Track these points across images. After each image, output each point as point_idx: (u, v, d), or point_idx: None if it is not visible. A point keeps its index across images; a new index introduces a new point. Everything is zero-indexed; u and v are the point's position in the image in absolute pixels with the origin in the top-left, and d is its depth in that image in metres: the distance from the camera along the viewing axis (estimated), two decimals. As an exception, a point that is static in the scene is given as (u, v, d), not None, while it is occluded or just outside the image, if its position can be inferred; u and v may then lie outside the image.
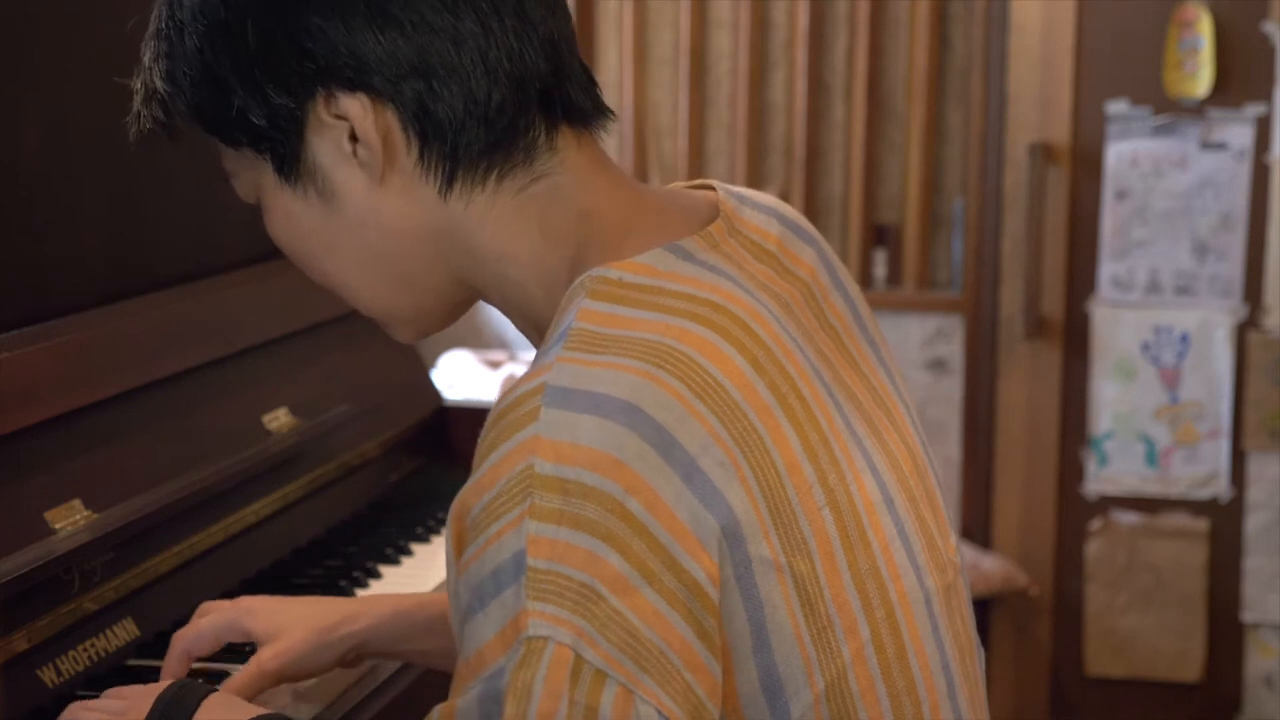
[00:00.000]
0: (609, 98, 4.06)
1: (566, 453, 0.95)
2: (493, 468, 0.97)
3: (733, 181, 3.20)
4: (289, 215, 1.12)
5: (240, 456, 1.77)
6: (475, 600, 0.96)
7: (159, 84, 1.13)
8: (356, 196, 1.09)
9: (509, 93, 1.07)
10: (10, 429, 1.50)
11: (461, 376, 3.14)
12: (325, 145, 1.09)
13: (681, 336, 1.00)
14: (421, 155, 1.08)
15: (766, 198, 1.19)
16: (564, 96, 1.10)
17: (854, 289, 1.20)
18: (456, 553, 0.99)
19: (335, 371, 2.03)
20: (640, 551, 0.94)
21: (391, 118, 1.07)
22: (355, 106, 1.07)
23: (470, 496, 0.98)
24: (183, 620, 1.65)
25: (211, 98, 1.10)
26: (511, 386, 1.01)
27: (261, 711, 1.23)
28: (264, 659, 1.37)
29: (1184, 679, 3.38)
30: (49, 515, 1.51)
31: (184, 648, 1.41)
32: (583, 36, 3.54)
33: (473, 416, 2.23)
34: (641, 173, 3.53)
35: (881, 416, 1.13)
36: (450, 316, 1.17)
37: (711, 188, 1.16)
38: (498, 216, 1.09)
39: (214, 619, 1.41)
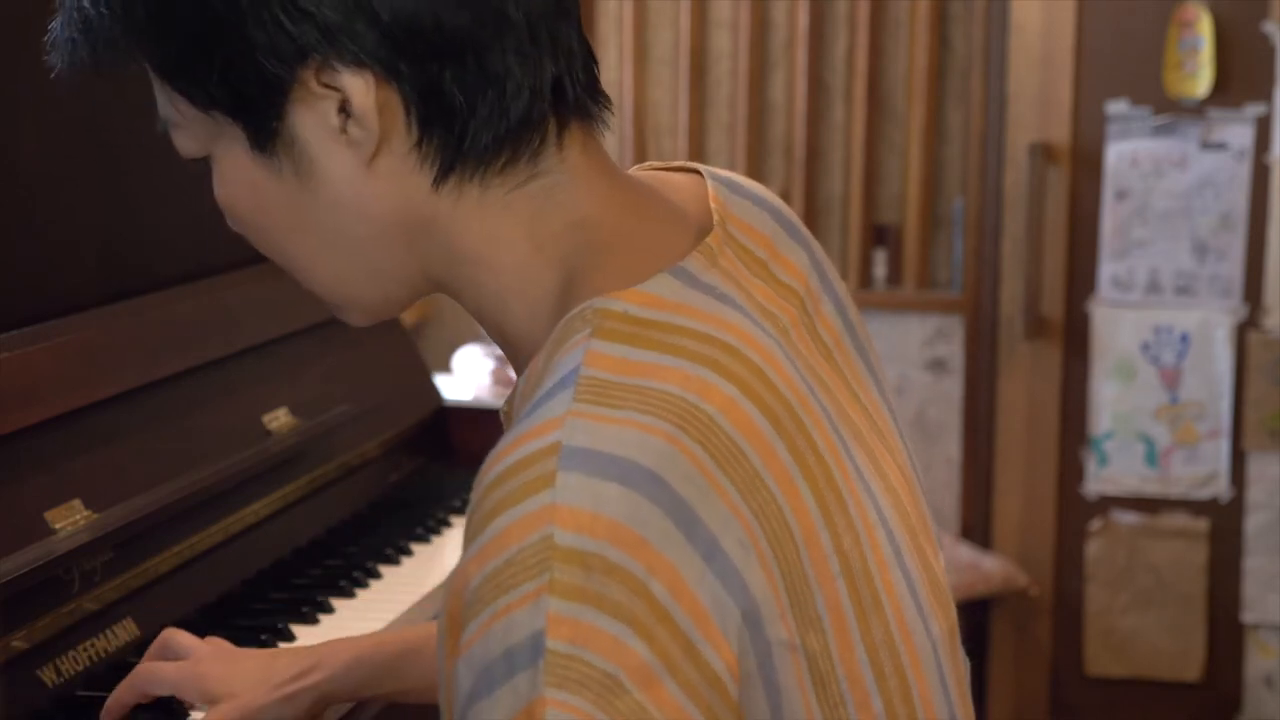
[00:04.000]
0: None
1: (586, 522, 0.85)
2: (499, 536, 0.86)
3: (733, 181, 3.19)
4: (253, 187, 1.00)
5: (240, 456, 1.77)
6: (481, 685, 0.85)
7: (109, 22, 0.97)
8: (337, 177, 0.97)
9: (526, 75, 0.96)
10: (10, 429, 1.50)
11: (475, 374, 3.14)
12: (310, 118, 0.96)
13: (704, 392, 0.91)
14: (421, 141, 0.96)
15: (756, 186, 1.11)
16: (574, 80, 0.99)
17: (842, 289, 1.13)
18: (453, 632, 0.87)
19: (335, 371, 2.03)
20: (664, 639, 0.85)
21: (394, 96, 0.95)
22: (357, 82, 0.94)
23: (472, 566, 0.86)
24: (183, 620, 1.65)
25: (185, 54, 0.96)
26: (511, 442, 0.90)
27: None
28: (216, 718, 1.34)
29: (1184, 679, 3.38)
30: (49, 515, 1.51)
31: (142, 686, 1.37)
32: (583, 36, 3.54)
33: (473, 416, 2.22)
34: (641, 173, 3.53)
35: (878, 443, 1.07)
36: (409, 305, 1.07)
37: (695, 170, 1.08)
38: (485, 215, 0.98)
39: (178, 670, 1.37)
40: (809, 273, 1.09)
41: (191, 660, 1.38)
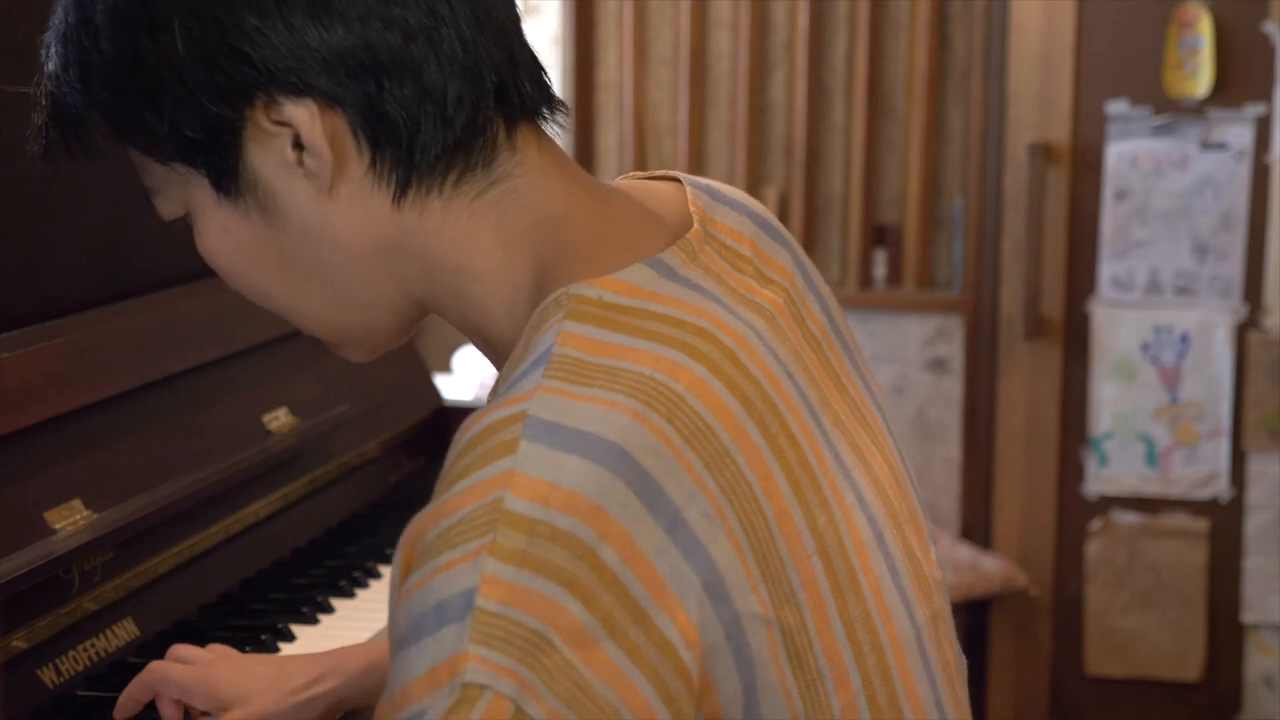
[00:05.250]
0: (609, 98, 4.05)
1: (542, 492, 0.87)
2: (457, 495, 0.89)
3: (732, 181, 3.20)
4: (227, 233, 1.03)
5: (240, 456, 1.77)
6: (411, 631, 0.87)
7: (69, 95, 1.02)
8: (302, 209, 1.00)
9: (465, 87, 0.99)
10: (10, 429, 1.50)
11: (476, 375, 3.14)
12: (266, 156, 0.99)
13: (673, 372, 0.93)
14: (374, 162, 0.99)
15: (735, 192, 1.12)
16: (520, 88, 1.02)
17: (826, 290, 1.14)
18: (402, 576, 0.90)
19: (335, 371, 2.03)
20: (607, 603, 0.86)
21: (340, 122, 0.98)
22: (301, 113, 0.97)
23: (428, 521, 0.89)
24: (183, 620, 1.65)
25: (136, 111, 1.00)
26: (483, 411, 0.93)
27: None
28: None
29: (1184, 679, 3.38)
30: (49, 515, 1.51)
31: (152, 684, 1.37)
32: (583, 36, 3.54)
33: (473, 416, 2.22)
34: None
35: (863, 435, 1.08)
36: (403, 334, 1.09)
37: (675, 179, 1.10)
38: (453, 225, 1.01)
39: (188, 673, 1.36)
40: (794, 272, 1.10)
41: (202, 665, 1.37)
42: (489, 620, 0.85)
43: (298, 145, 0.99)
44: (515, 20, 1.04)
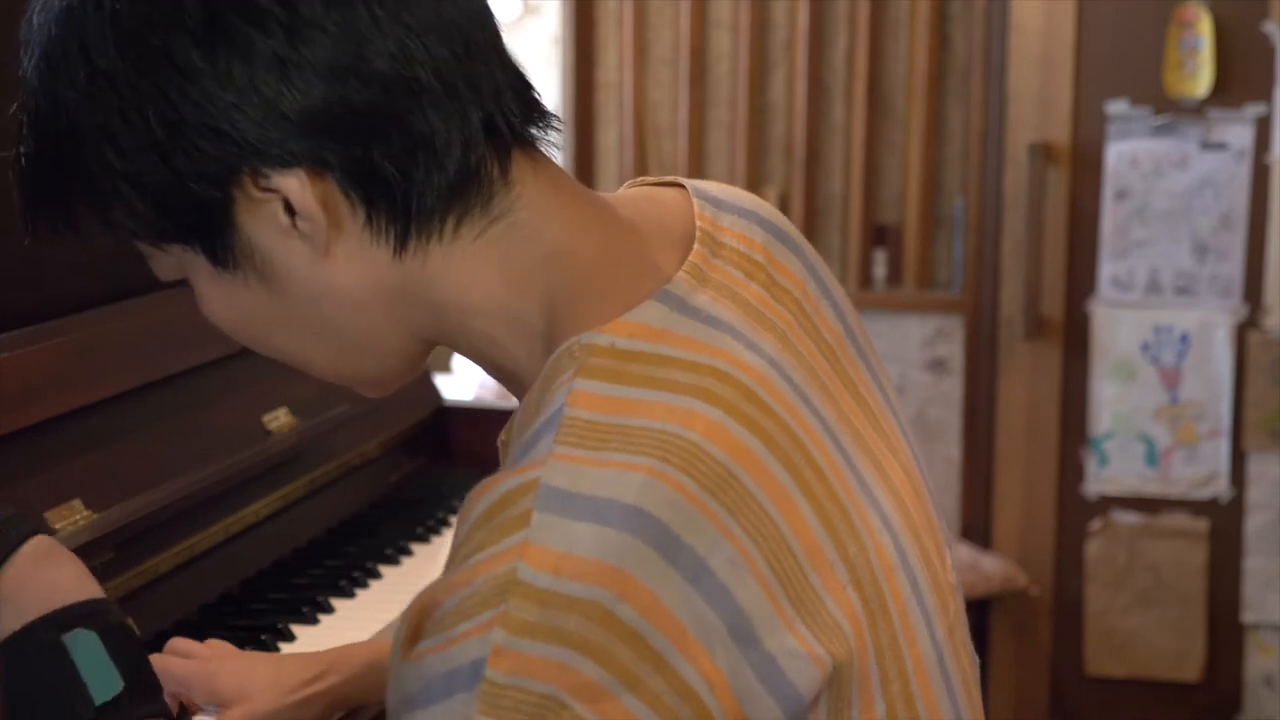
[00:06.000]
0: (609, 97, 4.04)
1: (552, 562, 0.86)
2: (470, 568, 0.88)
3: (732, 181, 3.19)
4: (229, 300, 1.01)
5: (240, 456, 1.77)
6: (421, 695, 0.88)
7: (55, 192, 1.00)
8: (301, 272, 0.98)
9: (453, 129, 0.96)
10: (10, 429, 1.50)
11: (476, 375, 3.14)
12: (259, 223, 0.97)
13: (687, 420, 0.91)
14: (369, 218, 0.96)
15: (744, 197, 1.10)
16: (508, 117, 0.98)
17: (839, 292, 1.12)
18: (410, 639, 0.90)
19: (335, 371, 2.03)
20: (624, 658, 0.86)
21: (330, 183, 0.95)
22: (290, 182, 0.94)
23: (442, 592, 0.89)
24: (183, 620, 1.65)
25: (120, 195, 0.97)
26: (495, 478, 0.91)
27: (91, 596, 1.10)
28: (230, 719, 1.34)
29: (1184, 679, 3.38)
30: (49, 515, 1.51)
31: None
32: (583, 36, 3.54)
33: (473, 416, 2.22)
34: (641, 173, 3.53)
35: (880, 445, 1.07)
36: (416, 369, 1.07)
37: (679, 184, 1.07)
38: (457, 268, 0.98)
39: (188, 666, 1.36)
40: (805, 278, 1.08)
41: (201, 660, 1.37)
42: (496, 691, 0.85)
43: (289, 210, 0.96)
44: (493, 36, 1.00)
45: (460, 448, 2.24)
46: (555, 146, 1.03)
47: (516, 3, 3.59)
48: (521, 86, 1.01)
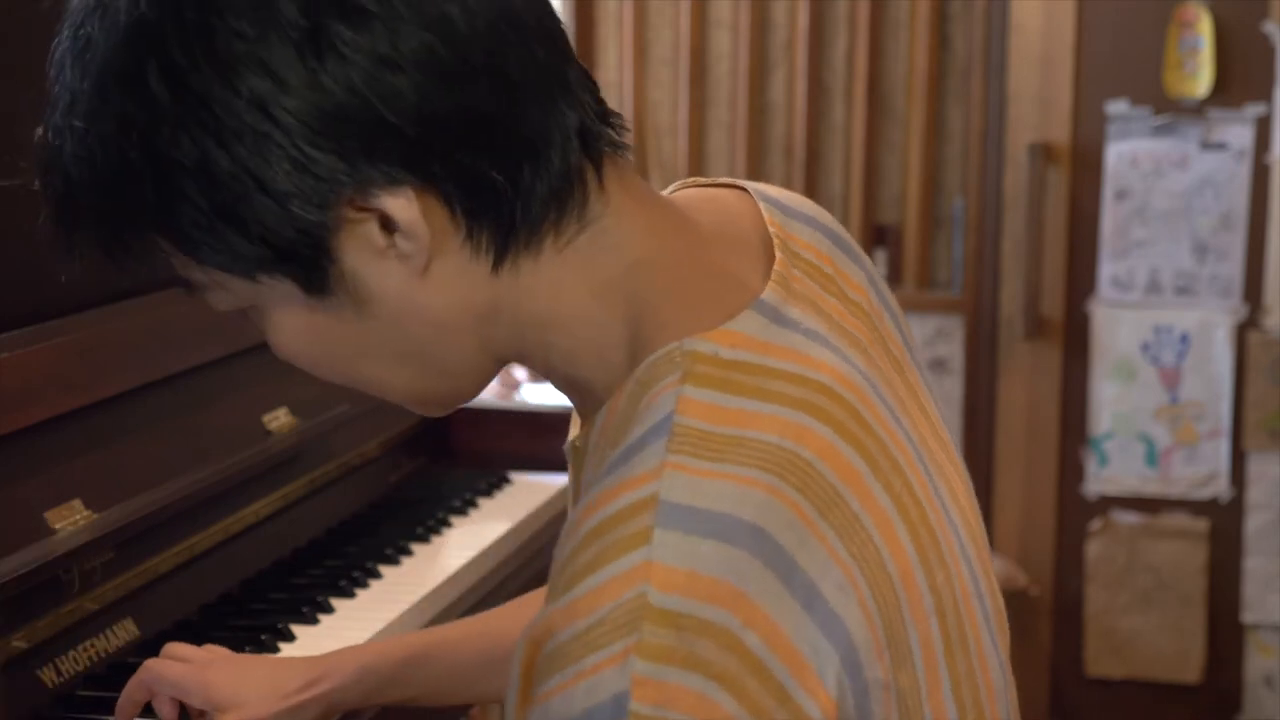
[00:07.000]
0: (609, 97, 4.06)
1: (682, 583, 0.83)
2: (592, 592, 0.83)
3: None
4: (313, 329, 0.94)
5: (240, 456, 1.77)
6: None
7: (109, 207, 0.92)
8: (395, 294, 0.92)
9: (553, 129, 0.91)
10: (10, 429, 1.50)
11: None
12: (354, 244, 0.90)
13: (801, 437, 0.88)
14: (470, 232, 0.91)
15: (807, 204, 1.06)
16: (590, 116, 0.94)
17: (894, 302, 1.09)
18: (527, 682, 0.85)
19: (335, 371, 2.03)
20: (754, 691, 0.83)
21: (435, 199, 0.89)
22: (398, 201, 0.88)
23: (559, 620, 0.84)
24: (183, 620, 1.65)
25: (213, 226, 0.89)
26: (602, 494, 0.87)
27: None
28: None
29: (1184, 679, 3.38)
30: (49, 515, 1.51)
31: (148, 683, 1.36)
32: (583, 36, 3.55)
33: (473, 416, 2.23)
34: (641, 173, 3.53)
35: (943, 457, 1.05)
36: (482, 388, 1.02)
37: (739, 187, 1.04)
38: (545, 279, 0.93)
39: (184, 671, 1.36)
40: (868, 289, 1.06)
41: (197, 665, 1.37)
42: None
43: (385, 227, 0.89)
44: (566, 42, 0.95)
45: (460, 448, 2.24)
46: (629, 148, 0.98)
47: (516, 3, 3.59)
48: (592, 84, 0.96)
